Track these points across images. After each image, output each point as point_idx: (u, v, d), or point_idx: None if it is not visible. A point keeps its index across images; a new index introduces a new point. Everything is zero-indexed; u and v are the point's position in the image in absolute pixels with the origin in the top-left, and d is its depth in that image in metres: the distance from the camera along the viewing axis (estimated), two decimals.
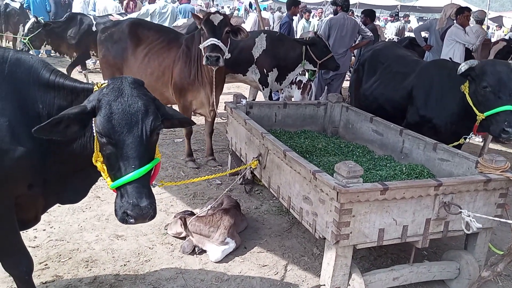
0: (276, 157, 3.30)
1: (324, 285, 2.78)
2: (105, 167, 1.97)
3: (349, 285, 2.73)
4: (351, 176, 2.54)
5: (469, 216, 2.60)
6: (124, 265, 3.09)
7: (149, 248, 3.32)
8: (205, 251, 3.29)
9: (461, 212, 2.66)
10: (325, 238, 2.73)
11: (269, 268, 3.19)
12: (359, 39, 7.04)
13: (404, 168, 3.48)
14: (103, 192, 4.16)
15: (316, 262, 3.28)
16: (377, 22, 12.97)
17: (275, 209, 4.12)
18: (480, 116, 3.51)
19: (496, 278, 3.19)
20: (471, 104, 3.58)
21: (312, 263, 3.29)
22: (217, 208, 3.48)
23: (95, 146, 1.99)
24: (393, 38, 11.49)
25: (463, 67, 3.54)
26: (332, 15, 7.25)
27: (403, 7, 19.63)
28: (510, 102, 3.38)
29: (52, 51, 9.06)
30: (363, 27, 6.83)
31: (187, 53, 4.58)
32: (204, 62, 4.14)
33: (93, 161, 2.00)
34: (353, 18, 7.16)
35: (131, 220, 1.87)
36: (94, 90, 2.01)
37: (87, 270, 3.00)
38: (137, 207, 1.85)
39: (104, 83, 2.01)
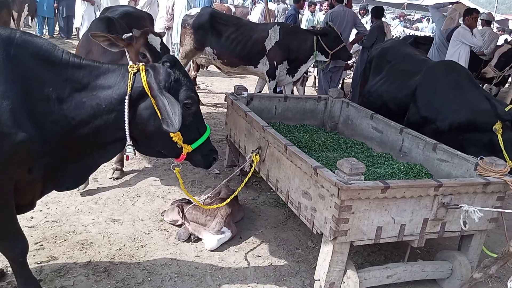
0: (277, 151, 3.30)
1: (319, 280, 2.80)
2: (181, 136, 2.23)
3: (344, 281, 2.76)
4: (353, 173, 2.54)
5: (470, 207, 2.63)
6: (120, 249, 3.09)
7: (145, 233, 3.33)
8: (200, 239, 3.30)
9: (461, 207, 2.67)
10: (322, 234, 2.75)
11: (263, 259, 3.21)
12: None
13: (402, 167, 3.49)
14: (101, 176, 4.14)
15: (310, 255, 3.30)
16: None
17: (272, 201, 4.13)
18: (510, 164, 3.33)
19: (486, 280, 3.23)
20: (502, 147, 3.44)
21: (306, 256, 3.31)
22: (214, 197, 3.48)
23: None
24: (399, 37, 11.43)
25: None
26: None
27: (410, 5, 19.55)
28: None
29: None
30: (359, 20, 6.86)
31: None
32: None
33: (172, 135, 2.19)
34: (351, 10, 7.15)
35: (214, 162, 2.51)
36: (132, 70, 2.13)
37: (82, 252, 3.00)
38: (216, 152, 2.51)
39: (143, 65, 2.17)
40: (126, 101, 2.08)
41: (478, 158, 3.41)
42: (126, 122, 2.10)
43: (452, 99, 3.79)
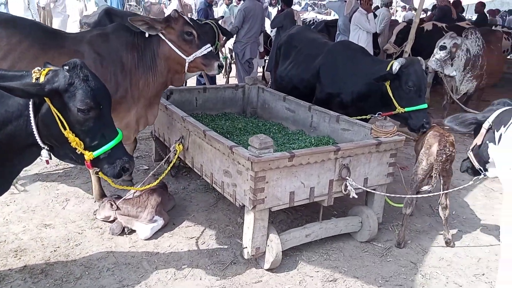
0: (197, 138, 3.54)
1: (246, 247, 3.11)
2: (81, 142, 2.19)
3: (268, 244, 3.08)
4: (263, 147, 2.86)
5: (351, 185, 3.14)
6: (54, 251, 3.18)
7: (79, 233, 3.43)
8: (134, 231, 3.47)
9: (347, 180, 3.14)
10: (244, 205, 3.05)
11: (196, 239, 3.46)
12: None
13: (313, 140, 3.90)
14: (28, 185, 4.13)
15: (240, 230, 3.59)
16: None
17: (202, 187, 4.37)
18: (401, 110, 3.81)
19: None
20: (391, 96, 3.86)
21: (236, 231, 3.60)
22: (143, 190, 3.64)
23: (62, 127, 2.15)
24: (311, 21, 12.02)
25: (397, 66, 3.79)
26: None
27: None
28: (425, 101, 3.87)
29: None
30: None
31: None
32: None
33: (69, 138, 2.15)
34: (260, 3, 7.56)
35: (127, 172, 2.32)
36: (35, 75, 2.12)
37: (16, 259, 3.05)
38: (131, 160, 2.33)
39: (50, 68, 2.17)
40: (30, 105, 2.12)
41: (377, 114, 3.92)
42: (34, 127, 2.15)
43: (350, 73, 4.24)
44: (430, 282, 3.11)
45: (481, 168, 2.87)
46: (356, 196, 3.21)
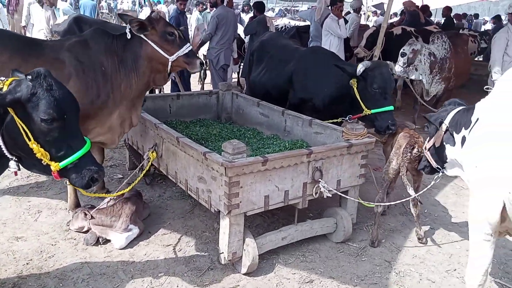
0: (171, 145, 3.54)
1: (223, 252, 3.11)
2: (47, 153, 2.15)
3: (244, 249, 3.10)
4: (236, 152, 2.88)
5: (324, 186, 3.19)
6: (27, 263, 3.11)
7: (52, 245, 3.36)
8: (109, 241, 3.43)
9: (320, 181, 3.19)
10: (220, 211, 3.06)
11: (172, 247, 3.44)
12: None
13: (287, 144, 3.95)
14: None
15: (217, 236, 3.58)
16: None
17: (177, 194, 4.36)
18: (367, 112, 3.91)
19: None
20: (358, 98, 3.95)
21: (213, 236, 3.60)
22: (117, 199, 3.61)
23: (26, 137, 2.12)
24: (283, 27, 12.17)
25: (361, 68, 3.90)
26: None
27: None
28: (391, 103, 3.97)
29: None
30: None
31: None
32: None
33: (34, 149, 2.12)
34: (232, 10, 7.63)
35: (96, 182, 2.29)
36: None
37: None
38: (100, 170, 2.30)
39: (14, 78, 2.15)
40: None
41: (347, 117, 4.00)
42: None
43: (321, 78, 4.32)
44: (404, 280, 3.18)
45: (439, 167, 2.99)
46: (330, 195, 3.27)
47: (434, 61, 6.17)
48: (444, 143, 2.83)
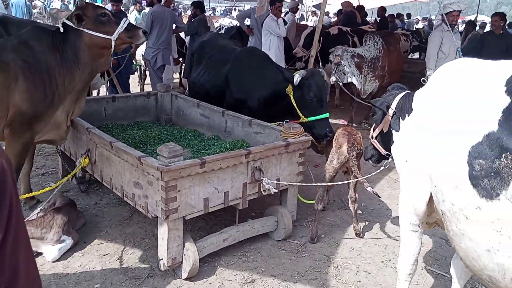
0: (104, 150, 3.40)
1: (162, 258, 3.03)
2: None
3: (184, 254, 3.04)
4: (172, 156, 2.81)
5: (268, 183, 3.20)
6: None
7: None
8: (41, 253, 3.23)
9: (262, 180, 3.20)
10: (157, 216, 2.98)
11: (110, 256, 3.30)
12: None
13: (228, 145, 3.93)
14: None
15: (157, 242, 3.49)
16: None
17: (115, 201, 4.20)
18: (304, 119, 3.99)
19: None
20: (295, 106, 4.02)
21: (153, 243, 3.50)
22: (48, 209, 3.41)
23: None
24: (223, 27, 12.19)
25: (298, 78, 3.97)
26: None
27: None
28: (327, 110, 4.07)
29: None
30: (178, 17, 7.25)
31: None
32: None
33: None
34: (170, 9, 7.50)
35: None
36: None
37: None
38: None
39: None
40: None
41: (284, 122, 4.04)
42: None
43: (255, 80, 4.35)
44: (343, 273, 3.28)
45: (388, 153, 2.87)
46: (276, 190, 3.30)
47: (361, 61, 6.45)
48: (391, 129, 2.74)
